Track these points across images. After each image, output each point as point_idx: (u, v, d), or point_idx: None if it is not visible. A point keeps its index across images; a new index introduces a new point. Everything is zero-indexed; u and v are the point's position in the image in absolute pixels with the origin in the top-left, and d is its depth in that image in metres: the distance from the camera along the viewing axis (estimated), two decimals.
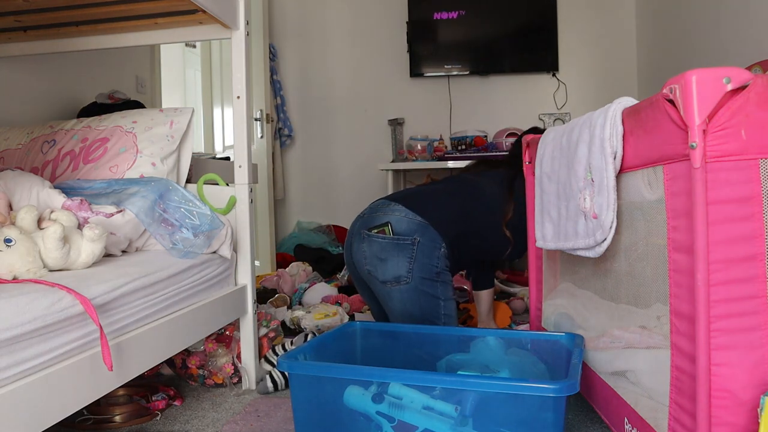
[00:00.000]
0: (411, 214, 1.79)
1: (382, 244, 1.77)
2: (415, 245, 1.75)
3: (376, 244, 1.78)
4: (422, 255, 1.75)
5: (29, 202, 1.30)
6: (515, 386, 1.02)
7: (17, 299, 0.87)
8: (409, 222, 1.78)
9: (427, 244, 1.76)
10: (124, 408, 1.45)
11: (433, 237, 1.77)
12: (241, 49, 1.67)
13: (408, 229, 1.77)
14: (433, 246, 1.77)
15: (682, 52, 2.89)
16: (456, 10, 3.53)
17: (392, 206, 1.83)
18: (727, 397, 0.81)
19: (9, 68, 1.96)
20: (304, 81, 3.86)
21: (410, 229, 1.77)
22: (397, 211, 1.81)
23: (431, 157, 3.41)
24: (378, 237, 1.78)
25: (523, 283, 2.83)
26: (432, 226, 1.78)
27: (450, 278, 1.81)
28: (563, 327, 1.48)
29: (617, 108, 1.08)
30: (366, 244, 1.80)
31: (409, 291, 1.75)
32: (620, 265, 1.15)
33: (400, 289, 1.75)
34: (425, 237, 1.76)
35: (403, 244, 1.75)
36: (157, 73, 2.84)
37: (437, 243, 1.77)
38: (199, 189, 1.66)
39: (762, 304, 0.80)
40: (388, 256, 1.76)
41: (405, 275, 1.74)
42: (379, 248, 1.77)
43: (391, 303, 1.80)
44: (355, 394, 1.13)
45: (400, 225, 1.77)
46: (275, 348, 1.79)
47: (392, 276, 1.76)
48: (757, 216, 0.80)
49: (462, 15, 3.52)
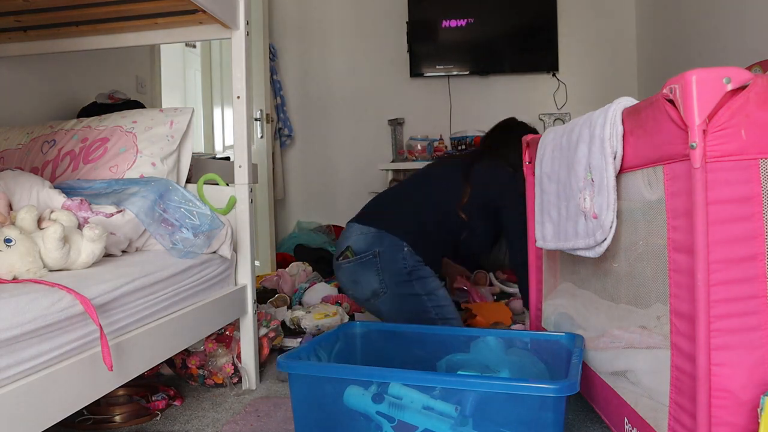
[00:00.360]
0: (365, 229, 1.87)
1: (350, 268, 1.85)
2: (377, 257, 1.81)
3: (346, 270, 1.87)
4: (387, 262, 1.80)
5: (29, 202, 1.30)
6: (515, 386, 1.02)
7: (17, 299, 0.87)
8: (366, 237, 1.84)
9: (388, 251, 1.81)
10: (124, 408, 1.44)
11: (392, 242, 1.82)
12: (241, 49, 1.67)
13: (366, 245, 1.83)
14: (394, 250, 1.81)
15: (682, 52, 2.89)
16: (465, 18, 3.53)
17: (350, 228, 1.91)
18: (727, 397, 0.81)
19: (9, 68, 1.96)
20: (304, 81, 3.86)
21: (368, 244, 1.83)
22: (354, 232, 1.88)
23: (431, 157, 3.41)
24: (344, 263, 1.87)
25: None
26: (388, 232, 1.83)
27: (427, 272, 1.84)
28: (563, 327, 1.48)
29: (617, 108, 1.08)
30: (340, 272, 1.90)
31: (391, 299, 1.82)
32: (620, 265, 1.15)
33: (383, 301, 1.83)
34: (384, 245, 1.82)
35: (366, 261, 1.82)
36: (157, 73, 2.84)
37: (398, 245, 1.81)
38: (199, 189, 1.66)
39: (762, 304, 0.80)
40: (358, 276, 1.84)
41: (380, 287, 1.81)
42: (349, 272, 1.86)
43: (380, 314, 1.89)
44: (355, 394, 1.13)
45: (359, 244, 1.85)
46: None
47: (370, 292, 1.84)
48: (757, 216, 0.80)
49: (471, 23, 3.53)
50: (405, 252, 1.81)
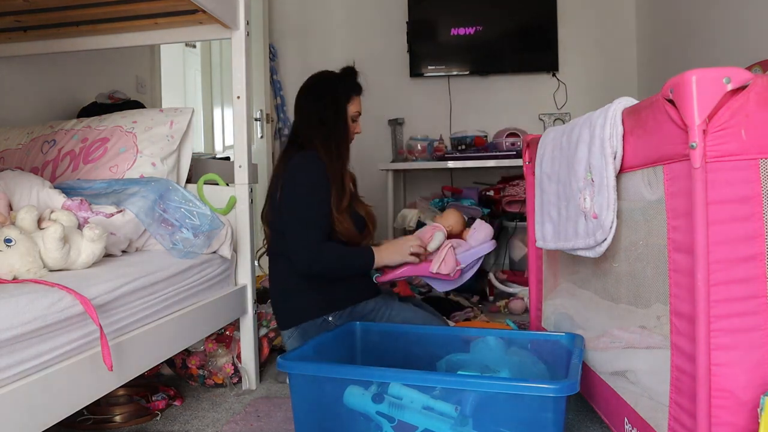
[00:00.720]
0: (289, 332, 1.65)
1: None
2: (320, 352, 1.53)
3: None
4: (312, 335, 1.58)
5: (29, 202, 1.30)
6: (515, 386, 1.02)
7: (17, 299, 0.87)
8: (296, 339, 1.63)
9: (303, 333, 1.61)
10: (124, 408, 1.44)
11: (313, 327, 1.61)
12: (241, 49, 1.67)
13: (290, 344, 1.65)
14: (317, 330, 1.60)
15: (682, 52, 2.89)
16: (473, 26, 3.53)
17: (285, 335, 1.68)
18: (727, 397, 0.81)
19: (9, 68, 1.96)
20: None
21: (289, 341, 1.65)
22: (285, 337, 1.67)
23: (431, 157, 3.41)
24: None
25: (523, 283, 2.83)
26: (304, 321, 1.62)
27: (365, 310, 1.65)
28: (563, 327, 1.48)
29: (617, 108, 1.08)
30: None
31: None
32: (620, 265, 1.14)
33: None
34: (298, 336, 1.62)
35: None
36: (157, 73, 2.84)
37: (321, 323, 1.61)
38: (199, 189, 1.66)
39: (762, 304, 0.80)
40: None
41: None
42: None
43: None
44: (355, 394, 1.13)
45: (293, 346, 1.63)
46: None
47: None
48: (757, 216, 0.80)
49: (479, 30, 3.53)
50: (331, 321, 1.61)
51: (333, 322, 1.61)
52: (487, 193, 3.17)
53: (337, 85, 1.72)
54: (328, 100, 1.70)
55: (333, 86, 1.72)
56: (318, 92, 1.72)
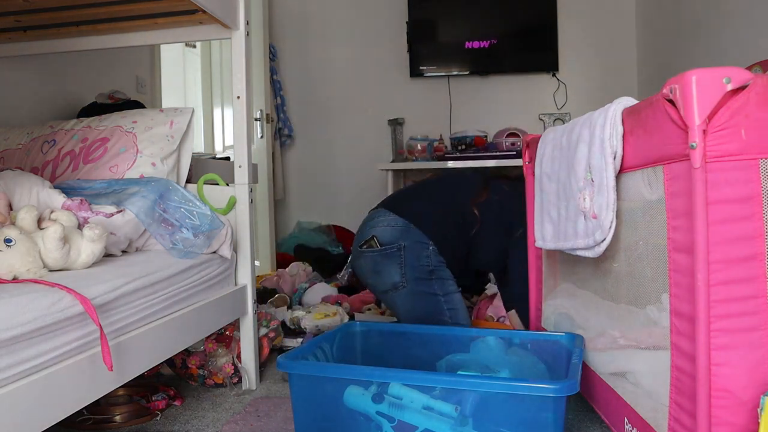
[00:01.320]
0: (393, 219, 1.84)
1: (373, 257, 1.83)
2: (402, 250, 1.79)
3: (369, 259, 1.84)
4: (411, 257, 1.79)
5: (29, 202, 1.30)
6: (515, 386, 1.02)
7: (17, 299, 0.87)
8: (392, 229, 1.82)
9: (413, 247, 1.80)
10: (124, 408, 1.44)
11: (417, 237, 1.80)
12: (241, 49, 1.67)
13: (392, 237, 1.82)
14: (420, 247, 1.80)
15: (682, 52, 2.89)
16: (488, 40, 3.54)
17: (377, 216, 1.88)
18: (727, 397, 0.81)
19: (9, 68, 1.96)
20: (304, 81, 3.86)
21: (393, 236, 1.81)
22: (381, 221, 1.85)
23: (431, 157, 3.41)
24: (368, 252, 1.84)
25: None
26: (414, 225, 1.81)
27: (447, 274, 1.84)
28: (563, 327, 1.48)
29: (617, 108, 1.08)
30: (362, 260, 1.87)
31: (409, 294, 1.80)
32: (620, 265, 1.15)
33: (400, 294, 1.81)
34: (410, 240, 1.80)
35: (390, 253, 1.80)
36: (157, 73, 2.84)
37: (424, 242, 1.80)
38: (199, 189, 1.66)
39: (762, 304, 0.80)
40: (380, 267, 1.82)
41: (400, 281, 1.80)
42: (371, 262, 1.84)
43: (395, 308, 1.87)
44: (355, 394, 1.13)
45: (384, 235, 1.82)
46: None
47: (389, 285, 1.82)
48: (757, 216, 0.80)
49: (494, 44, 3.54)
50: (430, 250, 1.81)
51: (431, 251, 1.81)
52: None
53: None
54: None
55: None
56: None
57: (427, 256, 1.80)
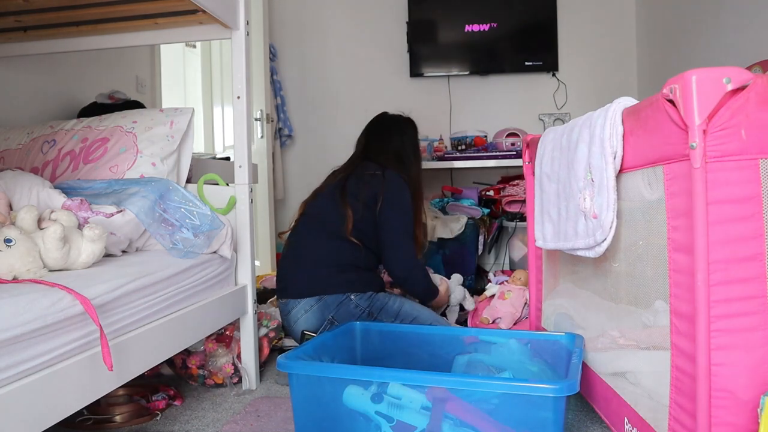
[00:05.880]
0: (303, 302, 1.77)
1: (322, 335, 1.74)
2: (335, 321, 1.75)
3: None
4: (345, 319, 1.73)
5: (29, 202, 1.30)
6: (515, 386, 1.02)
7: (17, 299, 0.87)
8: (312, 314, 1.76)
9: (339, 311, 1.75)
10: (124, 408, 1.44)
11: (336, 301, 1.75)
12: (241, 49, 1.67)
13: (318, 319, 1.76)
14: (344, 306, 1.75)
15: (682, 52, 2.89)
16: (488, 23, 3.53)
17: (289, 309, 1.79)
18: (727, 397, 0.81)
19: (9, 68, 1.96)
20: (304, 81, 3.86)
21: (318, 317, 1.76)
22: (298, 312, 1.77)
23: (431, 157, 3.41)
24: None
25: None
26: (325, 295, 1.75)
27: (382, 299, 1.79)
28: (563, 327, 1.48)
29: (617, 108, 1.08)
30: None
31: None
32: (620, 265, 1.14)
33: None
34: (331, 308, 1.75)
35: (326, 329, 1.74)
36: (157, 73, 2.84)
37: (344, 300, 1.75)
38: (199, 189, 1.66)
39: (762, 304, 0.80)
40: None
41: None
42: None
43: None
44: (354, 394, 1.13)
45: (310, 322, 1.77)
46: None
47: None
48: (757, 216, 0.80)
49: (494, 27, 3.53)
50: (353, 300, 1.76)
51: (354, 301, 1.76)
52: (486, 193, 3.17)
53: None
54: None
55: None
56: None
57: (356, 305, 1.76)
